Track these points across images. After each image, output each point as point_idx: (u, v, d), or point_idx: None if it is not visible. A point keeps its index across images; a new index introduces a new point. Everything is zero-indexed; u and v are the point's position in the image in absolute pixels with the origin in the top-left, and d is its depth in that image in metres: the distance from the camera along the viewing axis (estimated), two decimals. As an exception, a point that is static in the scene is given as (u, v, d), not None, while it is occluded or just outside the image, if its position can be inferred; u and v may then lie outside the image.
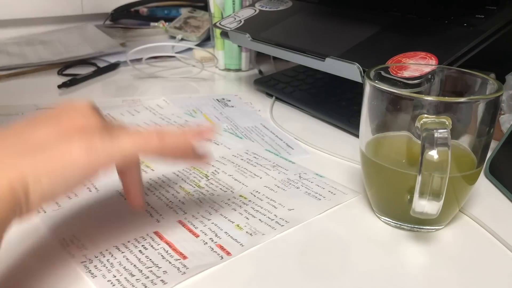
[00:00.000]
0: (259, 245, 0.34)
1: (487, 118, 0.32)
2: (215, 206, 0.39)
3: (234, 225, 0.36)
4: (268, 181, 0.43)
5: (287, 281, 0.31)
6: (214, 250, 0.33)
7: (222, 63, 0.79)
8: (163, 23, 1.05)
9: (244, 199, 0.40)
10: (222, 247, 0.34)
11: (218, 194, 0.41)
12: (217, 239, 0.34)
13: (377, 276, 0.31)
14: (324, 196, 0.40)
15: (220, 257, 0.33)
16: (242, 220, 0.37)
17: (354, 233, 0.36)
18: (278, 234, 0.35)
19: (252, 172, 0.44)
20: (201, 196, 0.40)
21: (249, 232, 0.35)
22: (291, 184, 0.42)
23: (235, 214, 0.38)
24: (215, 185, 0.42)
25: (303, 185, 0.42)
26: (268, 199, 0.40)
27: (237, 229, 0.36)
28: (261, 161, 0.47)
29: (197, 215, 0.37)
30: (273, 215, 0.38)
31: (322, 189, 0.41)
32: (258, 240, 0.35)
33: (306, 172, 0.44)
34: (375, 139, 0.36)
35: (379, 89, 0.33)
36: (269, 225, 0.36)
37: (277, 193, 0.41)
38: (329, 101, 0.59)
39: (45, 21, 1.03)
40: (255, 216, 0.37)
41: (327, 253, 0.33)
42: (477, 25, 0.46)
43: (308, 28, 0.60)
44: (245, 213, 0.38)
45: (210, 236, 0.35)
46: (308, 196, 0.40)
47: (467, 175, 0.34)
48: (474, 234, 0.36)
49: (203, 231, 0.35)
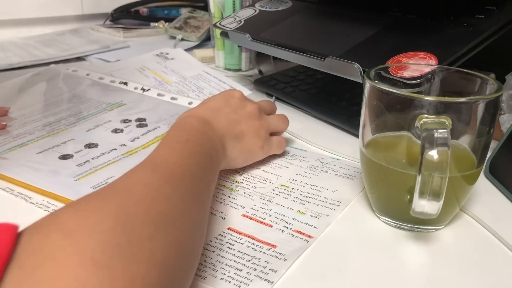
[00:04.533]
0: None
1: (487, 118, 0.32)
2: (265, 197, 0.40)
3: (295, 211, 0.38)
4: (297, 170, 0.44)
5: (287, 281, 0.31)
6: (295, 236, 0.34)
7: (222, 63, 0.79)
8: (163, 23, 1.05)
9: (287, 187, 0.41)
10: (300, 232, 0.35)
11: (260, 186, 0.41)
12: (290, 225, 0.36)
13: (377, 276, 0.31)
14: (354, 175, 0.43)
15: (305, 241, 0.34)
16: (300, 206, 0.38)
17: (354, 233, 0.36)
18: (339, 213, 0.37)
19: (276, 163, 0.46)
20: (246, 191, 0.41)
21: (314, 216, 0.37)
22: (318, 169, 0.44)
23: (289, 202, 0.39)
24: (251, 179, 0.43)
25: (329, 169, 0.44)
26: (308, 185, 0.42)
27: (300, 214, 0.37)
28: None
29: (256, 207, 0.38)
30: (323, 198, 0.39)
31: (348, 170, 0.44)
32: (327, 221, 0.36)
33: (323, 157, 0.47)
34: (375, 139, 0.36)
35: (379, 89, 0.33)
36: (327, 207, 0.38)
37: (311, 179, 0.43)
38: (329, 101, 0.59)
39: (45, 21, 1.03)
40: (308, 201, 0.39)
41: (327, 253, 0.33)
42: (477, 25, 0.46)
43: (308, 28, 0.60)
44: (297, 200, 0.39)
45: (282, 224, 0.36)
46: (340, 177, 0.43)
47: (467, 175, 0.34)
48: (474, 234, 0.36)
49: (272, 220, 0.36)
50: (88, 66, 0.74)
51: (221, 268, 0.31)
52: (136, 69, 0.73)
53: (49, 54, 0.83)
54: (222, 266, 0.31)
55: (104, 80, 0.65)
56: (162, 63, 0.72)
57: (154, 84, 0.68)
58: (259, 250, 0.33)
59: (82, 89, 0.63)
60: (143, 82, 0.68)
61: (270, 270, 0.31)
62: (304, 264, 0.32)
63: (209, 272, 0.31)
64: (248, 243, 0.34)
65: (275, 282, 0.30)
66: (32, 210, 0.37)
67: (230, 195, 0.40)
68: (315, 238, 0.34)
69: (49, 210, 0.37)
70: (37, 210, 0.37)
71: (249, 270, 0.31)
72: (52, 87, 0.64)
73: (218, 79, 0.64)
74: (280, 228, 0.35)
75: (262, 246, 0.33)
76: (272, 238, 0.34)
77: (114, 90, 0.63)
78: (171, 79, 0.69)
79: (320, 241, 0.34)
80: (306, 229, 0.35)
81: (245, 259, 0.32)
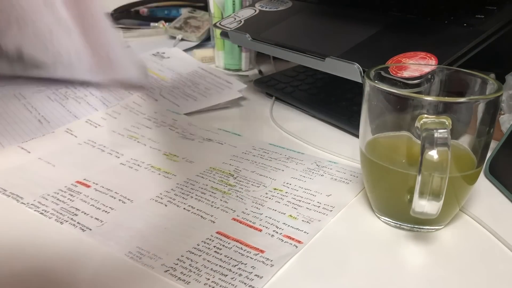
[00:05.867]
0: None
1: (487, 118, 0.32)
2: (257, 201, 0.39)
3: (287, 215, 0.37)
4: (292, 173, 0.44)
5: (286, 281, 0.31)
6: (284, 241, 0.34)
7: (222, 63, 0.79)
8: (163, 23, 1.05)
9: (280, 191, 0.41)
10: (290, 237, 0.34)
11: (254, 190, 0.41)
12: (280, 230, 0.35)
13: (377, 276, 0.31)
14: (350, 179, 0.43)
15: (295, 246, 0.33)
16: (292, 211, 0.38)
17: (354, 233, 0.36)
18: (331, 218, 0.37)
19: (271, 166, 0.45)
20: (239, 194, 0.40)
21: (305, 221, 0.36)
22: (314, 173, 0.44)
23: (281, 206, 0.38)
24: (244, 182, 0.42)
25: (325, 173, 0.44)
26: (302, 188, 0.41)
27: (292, 219, 0.37)
28: (273, 155, 0.48)
29: (247, 211, 0.38)
30: (316, 202, 0.39)
31: (344, 174, 0.44)
32: (318, 226, 0.36)
33: (320, 160, 0.46)
34: (375, 139, 0.36)
35: (379, 89, 0.33)
36: (319, 212, 0.38)
37: (306, 182, 0.42)
38: (329, 101, 0.59)
39: (45, 21, 1.03)
40: (301, 206, 0.39)
41: (327, 253, 0.33)
42: (477, 25, 0.46)
43: (308, 28, 0.60)
44: (290, 204, 0.39)
45: (272, 228, 0.35)
46: (336, 181, 0.42)
47: (467, 175, 0.34)
48: (474, 234, 0.36)
49: (262, 224, 0.36)
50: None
51: (206, 273, 0.31)
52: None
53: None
54: (207, 271, 0.31)
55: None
56: (158, 62, 0.73)
57: (150, 81, 0.69)
58: (246, 255, 0.32)
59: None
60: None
61: (255, 276, 0.30)
62: (304, 264, 0.32)
63: (193, 277, 0.30)
64: (236, 247, 0.33)
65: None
66: (23, 210, 0.37)
67: (222, 198, 0.40)
68: (305, 243, 0.34)
69: (39, 211, 0.37)
70: (28, 211, 0.37)
71: (234, 275, 0.30)
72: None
73: (214, 75, 0.65)
74: (270, 233, 0.35)
75: (249, 251, 0.33)
76: (261, 243, 0.34)
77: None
78: (167, 76, 0.70)
79: (320, 241, 0.34)
80: (296, 234, 0.35)
81: (231, 264, 0.31)
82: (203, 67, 0.69)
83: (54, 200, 0.39)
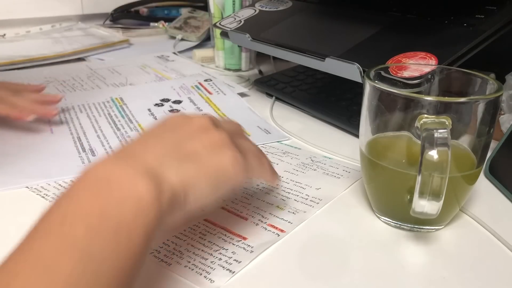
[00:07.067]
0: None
1: (487, 118, 0.32)
2: (248, 191, 0.41)
3: (274, 206, 0.38)
4: (286, 166, 0.45)
5: (286, 281, 0.31)
6: (268, 230, 0.35)
7: (222, 63, 0.79)
8: (163, 23, 1.05)
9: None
10: (274, 226, 0.36)
11: (245, 181, 0.41)
12: (266, 219, 0.37)
13: (377, 276, 0.31)
14: (342, 174, 0.44)
15: (277, 235, 0.35)
16: (280, 202, 0.39)
17: (354, 233, 0.36)
18: (317, 210, 0.38)
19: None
20: None
21: (291, 211, 0.38)
22: (307, 167, 0.45)
23: (270, 197, 0.40)
24: None
25: (318, 167, 0.45)
26: (293, 181, 0.42)
27: (278, 209, 0.38)
28: (270, 149, 0.49)
29: (236, 201, 0.39)
30: (305, 195, 0.40)
31: (337, 169, 0.45)
32: (302, 217, 0.37)
33: (315, 156, 0.47)
34: (375, 139, 0.36)
35: (379, 89, 0.33)
36: (306, 204, 0.39)
37: (298, 176, 0.43)
38: (329, 101, 0.59)
39: (45, 21, 1.04)
40: (289, 197, 0.40)
41: (327, 253, 0.33)
42: (477, 25, 0.46)
43: (308, 28, 0.60)
44: (278, 195, 0.40)
45: (258, 218, 0.37)
46: (327, 176, 0.43)
47: (467, 175, 0.34)
48: (474, 234, 0.36)
49: (249, 214, 0.37)
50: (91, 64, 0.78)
51: (188, 256, 0.32)
52: (137, 66, 0.79)
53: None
54: (189, 255, 0.32)
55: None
56: (163, 63, 0.79)
57: (155, 79, 0.72)
58: (229, 241, 0.34)
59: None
60: (144, 78, 0.73)
61: (234, 261, 0.32)
62: (304, 264, 0.32)
63: (175, 259, 0.32)
64: (220, 234, 0.35)
65: (237, 272, 0.31)
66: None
67: None
68: (287, 232, 0.35)
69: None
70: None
71: (214, 259, 0.32)
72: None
73: (216, 78, 0.69)
74: (255, 222, 0.36)
75: (233, 238, 0.34)
76: (245, 230, 0.35)
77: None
78: (171, 76, 0.73)
79: (320, 241, 0.35)
80: (280, 224, 0.36)
81: (213, 249, 0.33)
82: (207, 71, 0.75)
83: None
